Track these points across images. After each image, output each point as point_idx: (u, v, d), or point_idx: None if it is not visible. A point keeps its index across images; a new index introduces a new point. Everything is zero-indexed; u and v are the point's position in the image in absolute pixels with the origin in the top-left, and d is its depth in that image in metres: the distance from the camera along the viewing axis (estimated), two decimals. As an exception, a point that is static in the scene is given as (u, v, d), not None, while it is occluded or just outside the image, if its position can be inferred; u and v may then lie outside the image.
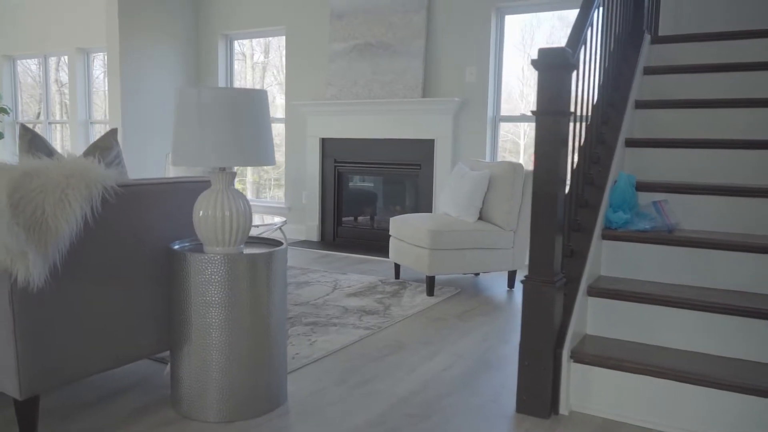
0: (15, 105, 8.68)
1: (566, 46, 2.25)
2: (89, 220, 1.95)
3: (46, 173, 1.87)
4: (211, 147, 2.05)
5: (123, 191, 2.09)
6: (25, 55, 8.44)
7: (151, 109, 6.42)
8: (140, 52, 6.25)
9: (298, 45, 6.20)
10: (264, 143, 2.15)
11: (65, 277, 1.94)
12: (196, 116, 2.05)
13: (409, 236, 4.08)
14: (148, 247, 2.23)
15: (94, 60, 7.90)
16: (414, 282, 4.31)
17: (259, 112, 2.13)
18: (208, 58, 6.81)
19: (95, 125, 7.98)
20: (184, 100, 2.09)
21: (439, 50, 5.41)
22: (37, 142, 2.22)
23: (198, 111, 2.05)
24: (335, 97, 5.84)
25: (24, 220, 1.78)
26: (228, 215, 2.13)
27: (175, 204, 2.33)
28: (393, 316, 3.44)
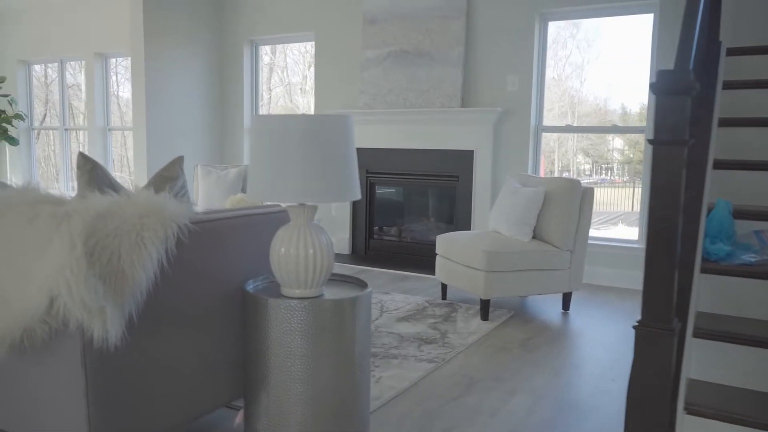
0: (30, 110, 8.48)
1: (678, 65, 2.04)
2: (164, 263, 1.75)
3: (120, 214, 1.67)
4: (295, 181, 1.84)
5: (197, 228, 1.89)
6: (41, 59, 8.25)
7: (175, 116, 6.22)
8: (164, 58, 6.05)
9: (329, 51, 5.99)
10: (351, 175, 1.94)
11: (139, 328, 1.74)
12: (277, 146, 1.85)
13: (461, 256, 3.88)
14: (222, 287, 2.03)
15: (112, 65, 7.71)
16: (463, 303, 4.10)
17: (344, 140, 1.93)
18: (232, 64, 6.61)
19: (113, 132, 7.79)
20: (263, 128, 1.88)
21: (479, 58, 5.20)
22: (98, 172, 2.02)
23: (280, 141, 1.85)
24: (368, 106, 5.64)
25: (100, 270, 1.58)
26: (312, 253, 1.93)
27: (248, 237, 2.13)
28: (453, 346, 3.24)
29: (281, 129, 1.85)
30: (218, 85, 6.67)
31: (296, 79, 6.98)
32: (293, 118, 1.85)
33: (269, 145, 1.87)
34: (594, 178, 5.57)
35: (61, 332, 1.61)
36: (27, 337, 1.62)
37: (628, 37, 4.92)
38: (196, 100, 6.42)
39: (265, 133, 1.88)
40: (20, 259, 1.60)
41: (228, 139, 6.72)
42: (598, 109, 5.32)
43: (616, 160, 5.56)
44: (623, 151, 5.48)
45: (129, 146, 8.16)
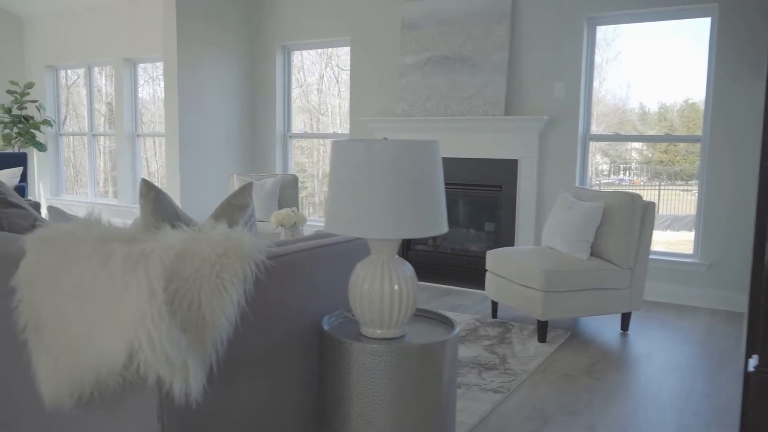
0: (58, 116, 8.42)
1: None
2: (243, 305, 1.60)
3: (198, 254, 1.52)
4: (381, 215, 1.68)
5: (273, 264, 1.74)
6: (69, 65, 8.18)
7: (206, 122, 6.10)
8: (196, 63, 5.93)
9: (365, 57, 5.84)
10: (440, 207, 1.78)
11: (217, 378, 1.59)
12: (361, 175, 1.69)
13: (514, 274, 3.70)
14: (297, 324, 1.87)
15: (143, 70, 7.61)
16: (516, 322, 3.93)
17: (433, 168, 1.77)
18: (265, 69, 6.47)
19: (141, 138, 7.69)
20: (345, 155, 1.73)
21: (523, 64, 5.02)
22: (162, 200, 1.87)
23: (364, 169, 1.69)
24: (406, 113, 5.48)
25: (181, 318, 1.43)
26: (397, 290, 1.78)
27: (323, 270, 1.98)
28: (515, 372, 3.07)
29: (366, 156, 1.69)
30: (250, 92, 6.54)
31: (312, 78, 6.85)
32: (379, 144, 1.69)
33: (352, 174, 1.71)
34: (612, 179, 5.40)
35: (137, 385, 1.46)
36: (98, 389, 1.48)
37: (650, 37, 4.77)
38: (228, 106, 6.30)
39: (348, 160, 1.72)
40: (93, 305, 1.45)
41: (260, 146, 6.59)
42: (616, 109, 5.15)
43: (634, 160, 5.39)
44: (642, 150, 5.30)
45: (148, 150, 8.06)
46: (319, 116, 7.00)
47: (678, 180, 5.19)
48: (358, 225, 1.70)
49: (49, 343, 1.53)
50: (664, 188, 5.26)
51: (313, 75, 6.89)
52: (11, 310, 1.67)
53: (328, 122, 7.04)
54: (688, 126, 4.85)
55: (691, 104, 4.86)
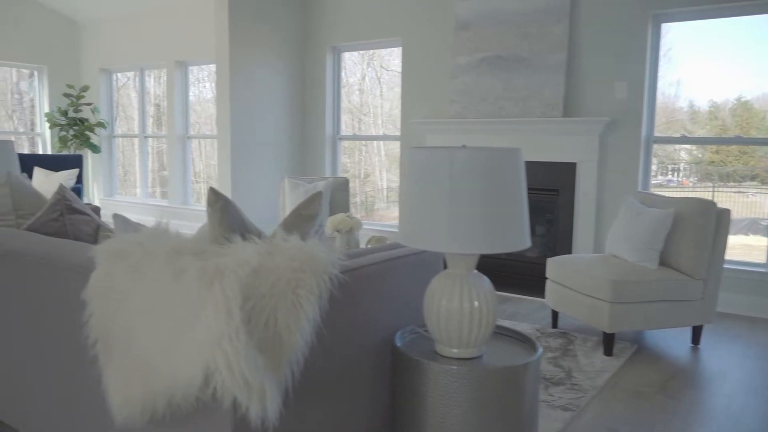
0: (111, 119, 8.58)
1: None
2: (318, 323, 1.52)
3: (274, 269, 1.44)
4: (464, 229, 1.58)
5: (346, 278, 1.66)
6: (122, 68, 8.32)
7: (257, 124, 6.09)
8: (248, 66, 5.93)
9: (417, 58, 5.74)
10: (524, 219, 1.67)
11: (293, 401, 1.51)
12: (445, 188, 1.59)
13: (578, 283, 3.55)
14: (368, 341, 1.79)
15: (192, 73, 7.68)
16: (578, 333, 3.77)
17: (516, 178, 1.66)
18: (315, 70, 6.44)
19: (192, 140, 7.77)
20: (421, 163, 1.63)
21: (583, 63, 4.84)
22: (230, 210, 1.81)
23: (448, 181, 1.59)
24: (459, 115, 5.35)
25: (258, 338, 1.36)
26: (477, 306, 1.67)
27: (395, 282, 1.89)
28: (584, 388, 2.92)
29: (447, 165, 1.59)
30: (300, 94, 6.51)
31: (353, 79, 6.79)
32: (460, 153, 1.59)
33: (430, 184, 1.62)
34: (659, 179, 5.17)
35: (211, 407, 1.40)
36: (171, 409, 1.42)
37: (702, 33, 4.53)
38: (278, 108, 6.28)
39: (426, 169, 1.63)
40: (166, 322, 1.39)
41: (309, 149, 6.56)
42: (665, 108, 4.92)
43: (683, 161, 5.15)
44: (691, 151, 5.06)
45: (193, 151, 8.13)
46: (360, 117, 6.94)
47: (730, 181, 4.94)
48: (436, 239, 1.60)
49: (121, 360, 1.48)
50: (717, 190, 5.02)
51: (354, 75, 6.83)
52: (81, 324, 1.63)
53: (370, 123, 6.98)
54: (741, 125, 4.60)
55: (744, 102, 4.61)
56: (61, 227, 2.41)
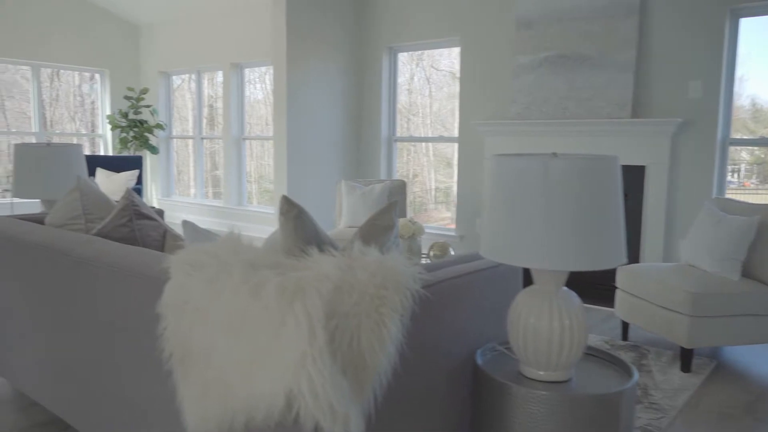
0: (169, 120, 8.73)
1: None
2: (401, 342, 1.43)
3: (356, 286, 1.36)
4: (556, 243, 1.46)
5: (428, 294, 1.56)
6: (179, 70, 8.45)
7: (313, 126, 6.07)
8: (304, 67, 5.91)
9: (476, 58, 5.60)
10: (620, 234, 1.54)
11: (375, 425, 1.43)
12: (536, 199, 1.48)
13: (653, 294, 3.36)
14: (448, 361, 1.69)
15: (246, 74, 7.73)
16: (651, 346, 3.58)
17: (614, 189, 1.53)
18: (370, 72, 6.38)
19: (247, 141, 7.82)
20: (514, 175, 1.52)
21: (653, 62, 4.61)
22: (303, 219, 1.74)
23: (540, 192, 1.48)
24: (520, 116, 5.19)
25: (342, 361, 1.28)
26: (568, 326, 1.55)
27: (475, 297, 1.78)
28: (663, 408, 2.75)
29: (540, 175, 1.48)
30: (356, 95, 6.46)
31: (401, 78, 6.67)
32: (555, 161, 1.48)
33: (520, 195, 1.51)
34: None
35: (290, 429, 1.33)
36: (248, 430, 1.35)
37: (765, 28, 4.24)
38: (334, 109, 6.25)
39: (516, 178, 1.52)
40: (245, 340, 1.33)
41: (365, 151, 6.51)
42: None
43: (744, 161, 4.83)
44: (753, 151, 4.74)
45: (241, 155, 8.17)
46: (409, 117, 6.84)
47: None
48: (527, 254, 1.49)
49: (197, 376, 1.42)
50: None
51: (403, 75, 6.72)
52: (155, 335, 1.59)
53: (419, 123, 6.88)
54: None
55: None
56: (130, 232, 2.40)
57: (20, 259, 2.30)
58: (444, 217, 7.48)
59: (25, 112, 9.36)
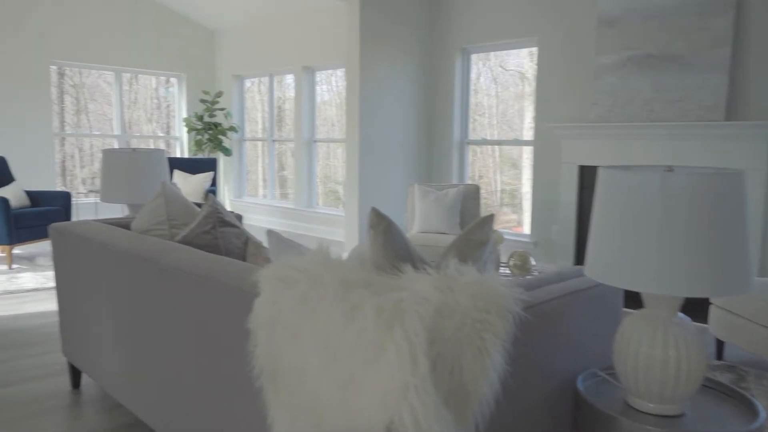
0: (242, 123, 8.90)
1: None
2: (503, 369, 1.34)
3: (457, 309, 1.28)
4: (676, 268, 1.33)
5: (528, 317, 1.46)
6: (252, 74, 8.60)
7: (384, 129, 6.02)
8: (376, 70, 5.87)
9: (554, 58, 5.41)
10: (748, 258, 1.39)
11: (474, 457, 1.34)
12: (654, 217, 1.35)
13: (754, 312, 3.11)
14: (547, 388, 1.58)
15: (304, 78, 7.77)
16: (750, 368, 3.32)
17: (741, 207, 1.38)
18: (443, 73, 6.28)
19: (317, 144, 7.87)
20: (627, 190, 1.40)
21: (751, 61, 4.31)
22: (393, 233, 1.67)
23: (658, 209, 1.35)
24: (602, 119, 4.97)
25: (444, 391, 1.20)
26: (685, 355, 1.42)
27: (575, 319, 1.67)
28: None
29: (658, 191, 1.35)
30: (428, 97, 6.38)
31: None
32: (673, 176, 1.35)
33: (633, 212, 1.38)
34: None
35: (386, 459, 1.26)
36: (342, 457, 1.29)
37: None
38: (406, 112, 6.18)
39: (627, 193, 1.39)
40: (341, 364, 1.27)
41: (436, 154, 6.41)
42: None
43: None
44: None
45: (290, 157, 8.21)
46: (475, 117, 6.69)
47: None
48: (641, 277, 1.37)
49: (289, 396, 1.38)
50: None
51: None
52: (244, 349, 1.56)
53: (485, 123, 6.72)
54: None
55: None
56: (213, 240, 2.40)
57: (110, 264, 2.34)
58: (510, 219, 7.30)
59: (105, 114, 9.78)
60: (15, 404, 2.75)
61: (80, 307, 2.68)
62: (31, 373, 3.11)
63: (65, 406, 2.76)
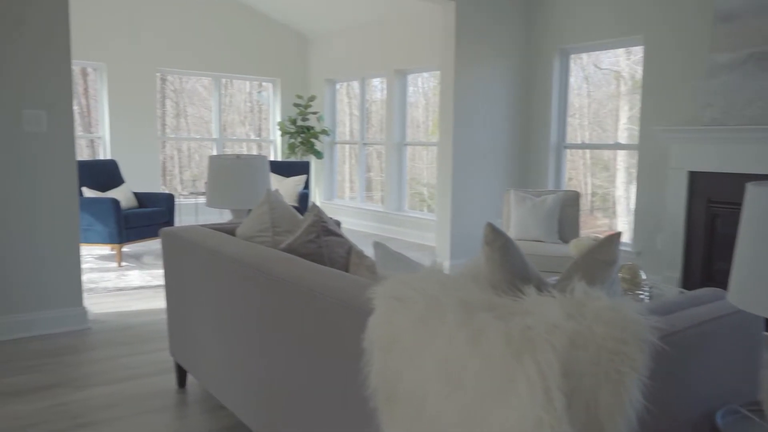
0: (334, 126, 9.03)
1: None
2: (640, 404, 1.22)
3: (592, 339, 1.18)
4: None
5: (664, 346, 1.33)
6: (344, 78, 8.70)
7: (478, 133, 5.90)
8: (472, 72, 5.76)
9: (662, 57, 5.10)
10: None
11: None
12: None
13: None
14: (682, 422, 1.45)
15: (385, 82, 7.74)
16: None
17: None
18: (541, 75, 6.07)
19: (408, 147, 7.84)
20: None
21: None
22: (510, 250, 1.58)
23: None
24: (716, 122, 4.63)
25: (580, 428, 1.10)
26: None
27: (712, 348, 1.52)
28: None
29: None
30: (524, 100, 6.19)
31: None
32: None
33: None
34: None
35: (511, 497, 1.18)
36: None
37: None
38: (500, 115, 6.03)
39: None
40: (465, 393, 1.20)
41: (532, 159, 6.22)
42: None
43: None
44: None
45: (383, 159, 8.16)
46: (565, 118, 6.42)
47: None
48: (802, 309, 1.21)
49: (406, 422, 1.32)
50: None
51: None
52: (357, 368, 1.52)
53: (576, 124, 6.43)
54: None
55: None
56: (317, 249, 2.40)
57: (218, 270, 2.39)
58: (601, 224, 6.99)
59: (202, 117, 10.21)
60: (125, 401, 2.87)
61: (187, 309, 2.77)
62: (140, 370, 3.25)
63: (171, 405, 2.85)
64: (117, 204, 5.63)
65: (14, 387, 3.00)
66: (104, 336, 3.78)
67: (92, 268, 5.58)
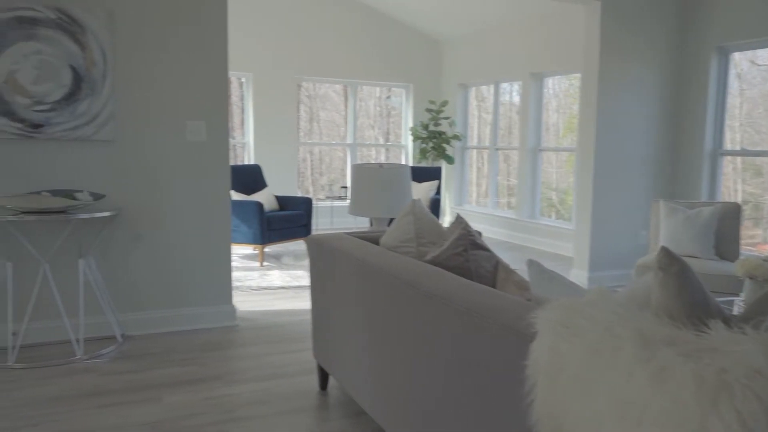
0: (466, 131, 8.96)
1: None
2: None
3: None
4: None
5: None
6: (478, 82, 8.61)
7: (622, 138, 5.56)
8: (616, 75, 5.45)
9: None
10: None
11: None
12: None
13: None
14: None
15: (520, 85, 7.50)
16: None
17: None
18: (695, 77, 5.62)
19: (543, 152, 7.60)
20: None
21: None
22: (690, 279, 1.45)
23: None
24: None
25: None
26: None
27: None
28: None
29: None
30: (674, 104, 5.76)
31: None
32: None
33: None
34: None
35: None
36: None
37: None
38: (647, 120, 5.65)
39: None
40: (641, 430, 1.11)
41: (682, 168, 5.77)
42: None
43: None
44: None
45: (511, 161, 7.88)
46: (723, 123, 5.84)
47: None
48: None
49: (574, 459, 1.25)
50: None
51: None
52: (515, 396, 1.47)
53: (724, 126, 5.83)
54: None
55: None
56: (464, 262, 2.37)
57: (364, 279, 2.43)
58: (752, 234, 6.35)
59: (334, 120, 10.55)
60: (269, 400, 3.00)
61: (331, 314, 2.84)
62: (284, 369, 3.39)
63: (314, 407, 2.94)
64: (261, 207, 5.95)
65: (174, 378, 3.24)
66: (251, 333, 4.00)
67: (237, 267, 5.94)
